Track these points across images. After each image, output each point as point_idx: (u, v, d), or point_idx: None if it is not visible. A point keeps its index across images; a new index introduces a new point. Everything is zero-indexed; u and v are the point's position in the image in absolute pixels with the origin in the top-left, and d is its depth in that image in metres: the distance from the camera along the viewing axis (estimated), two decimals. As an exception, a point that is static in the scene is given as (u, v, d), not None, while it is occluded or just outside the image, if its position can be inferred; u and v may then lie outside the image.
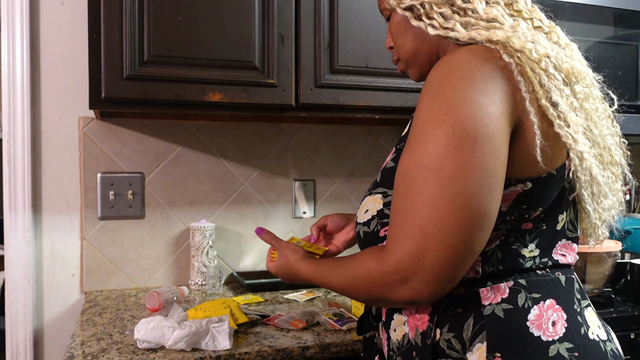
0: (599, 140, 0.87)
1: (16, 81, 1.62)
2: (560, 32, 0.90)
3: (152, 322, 1.16)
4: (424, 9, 0.88)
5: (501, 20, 0.84)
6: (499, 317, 0.82)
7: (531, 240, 0.86)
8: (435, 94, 0.79)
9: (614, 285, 1.71)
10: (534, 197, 0.82)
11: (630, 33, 1.77)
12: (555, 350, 0.80)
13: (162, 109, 1.46)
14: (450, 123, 0.76)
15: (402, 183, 0.79)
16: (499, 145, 0.76)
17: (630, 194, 2.00)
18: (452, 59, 0.81)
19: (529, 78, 0.79)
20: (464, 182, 0.74)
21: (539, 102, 0.79)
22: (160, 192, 1.77)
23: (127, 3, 1.36)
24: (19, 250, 1.63)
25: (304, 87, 1.51)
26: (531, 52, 0.79)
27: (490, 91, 0.77)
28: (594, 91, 0.88)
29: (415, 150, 0.78)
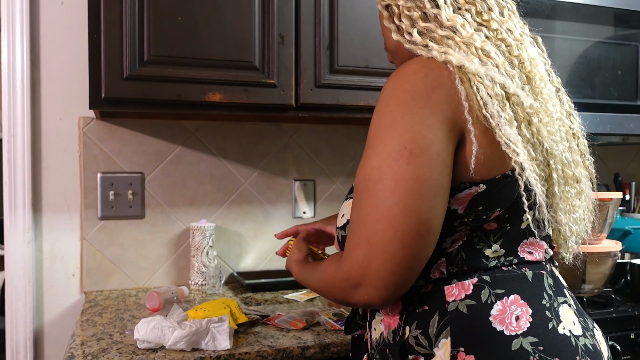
0: (555, 154, 0.88)
1: (16, 81, 1.62)
2: (529, 45, 0.91)
3: (152, 322, 1.16)
4: (398, 9, 0.92)
5: (459, 30, 0.86)
6: (462, 313, 0.85)
7: (495, 241, 0.89)
8: (382, 107, 0.84)
9: (614, 285, 1.71)
10: (489, 198, 0.85)
11: (630, 33, 1.77)
12: (518, 345, 0.82)
13: (162, 109, 1.46)
14: (389, 136, 0.81)
15: (355, 194, 0.85)
16: (436, 154, 0.80)
17: (630, 194, 2.00)
18: (402, 71, 0.85)
19: (468, 88, 0.81)
20: (400, 193, 0.79)
21: (478, 112, 0.81)
22: (160, 192, 1.77)
23: (127, 3, 1.36)
24: (19, 250, 1.63)
25: (304, 87, 1.51)
26: (467, 67, 0.82)
27: (431, 101, 0.81)
28: (550, 107, 0.89)
29: (363, 163, 0.84)
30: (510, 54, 0.88)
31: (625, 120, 1.75)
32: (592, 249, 1.52)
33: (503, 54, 0.87)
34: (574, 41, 1.69)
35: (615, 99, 1.75)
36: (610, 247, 1.54)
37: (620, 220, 1.91)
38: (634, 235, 1.86)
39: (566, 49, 1.68)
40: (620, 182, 2.00)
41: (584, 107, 1.71)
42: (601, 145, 2.27)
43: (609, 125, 1.73)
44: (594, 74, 1.72)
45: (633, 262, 1.67)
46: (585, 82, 1.71)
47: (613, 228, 1.83)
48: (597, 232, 1.56)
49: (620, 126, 1.74)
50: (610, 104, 1.74)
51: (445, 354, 0.83)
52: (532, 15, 1.63)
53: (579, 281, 1.55)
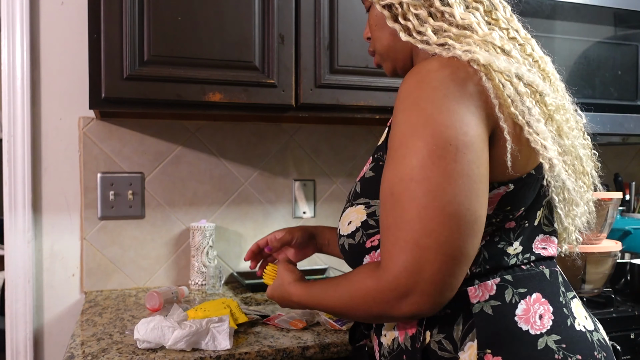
0: (571, 149, 0.89)
1: (16, 81, 1.62)
2: (535, 45, 0.91)
3: (152, 322, 1.16)
4: (402, 8, 0.88)
5: (475, 28, 0.84)
6: (488, 314, 0.84)
7: (515, 238, 0.88)
8: (411, 106, 0.79)
9: (614, 285, 1.71)
10: (516, 197, 0.84)
11: (630, 33, 1.77)
12: (543, 343, 0.82)
13: (162, 109, 1.46)
14: (429, 134, 0.76)
15: (389, 198, 0.79)
16: (480, 151, 0.78)
17: (630, 194, 2.00)
18: (424, 69, 0.81)
19: (496, 86, 0.79)
20: (452, 190, 0.75)
21: (508, 109, 0.80)
22: (160, 192, 1.77)
23: (127, 3, 1.36)
24: (19, 250, 1.63)
25: (304, 87, 1.51)
26: (495, 65, 0.80)
27: (464, 99, 0.78)
28: (566, 104, 0.90)
29: (398, 164, 0.79)
30: (524, 52, 0.87)
31: (625, 120, 1.75)
32: (592, 249, 1.52)
33: (518, 54, 0.86)
34: (574, 41, 1.69)
35: (615, 99, 1.75)
36: (610, 247, 1.54)
37: (620, 220, 1.91)
38: (634, 235, 1.86)
39: (566, 49, 1.68)
40: (620, 182, 2.00)
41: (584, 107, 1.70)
42: (601, 145, 2.26)
43: (609, 125, 1.73)
44: (594, 74, 1.72)
45: (633, 262, 1.67)
46: (585, 82, 1.71)
47: (613, 228, 1.83)
48: (597, 232, 1.56)
49: (620, 126, 1.74)
50: (610, 104, 1.74)
51: (472, 357, 0.82)
52: (532, 15, 1.63)
53: (579, 281, 1.55)
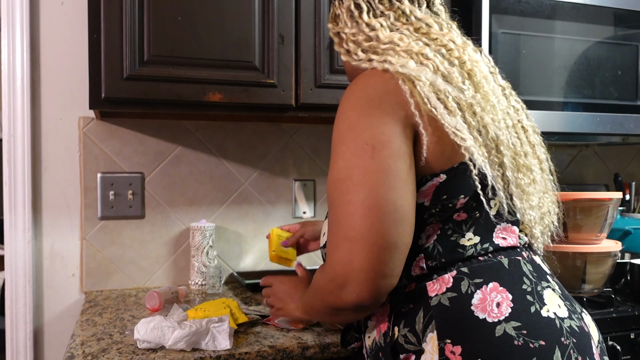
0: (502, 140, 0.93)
1: (16, 81, 1.62)
2: (471, 51, 0.98)
3: (152, 322, 1.16)
4: (346, 36, 1.02)
5: (397, 42, 0.95)
6: (445, 306, 0.87)
7: (468, 229, 0.92)
8: (339, 117, 0.91)
9: (614, 285, 1.71)
10: (451, 186, 0.90)
11: (630, 33, 1.77)
12: (501, 330, 0.84)
13: (162, 109, 1.46)
14: (351, 137, 0.87)
15: (328, 200, 0.90)
16: (396, 147, 0.85)
17: (630, 194, 2.00)
18: (353, 83, 0.94)
19: (412, 87, 0.88)
20: (370, 184, 0.83)
21: (424, 106, 0.87)
22: (160, 192, 1.77)
23: (127, 3, 1.36)
24: (19, 250, 1.63)
25: (304, 87, 1.51)
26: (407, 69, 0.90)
27: (383, 103, 0.88)
28: (492, 99, 0.95)
29: (331, 169, 0.89)
30: (451, 55, 0.95)
31: (625, 120, 1.75)
32: (592, 249, 1.52)
33: (442, 56, 0.94)
34: (574, 41, 1.69)
35: (615, 99, 1.75)
36: (610, 247, 1.54)
37: (620, 220, 1.91)
38: (634, 235, 1.86)
39: (566, 49, 1.68)
40: (620, 182, 2.00)
41: (584, 107, 1.71)
42: (601, 145, 2.27)
43: (609, 125, 1.73)
44: (594, 74, 1.72)
45: (633, 262, 1.67)
46: (585, 82, 1.71)
47: (613, 228, 1.83)
48: (596, 232, 1.56)
49: (620, 126, 1.74)
50: (610, 104, 1.74)
51: (434, 348, 0.85)
52: (532, 15, 1.63)
53: (579, 281, 1.55)
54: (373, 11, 1.00)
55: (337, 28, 1.05)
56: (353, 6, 1.01)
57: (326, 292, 0.89)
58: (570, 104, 1.69)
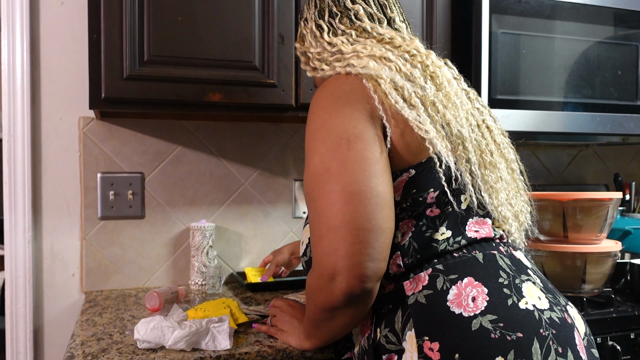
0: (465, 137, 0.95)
1: (16, 81, 1.62)
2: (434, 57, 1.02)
3: (152, 322, 1.16)
4: (312, 55, 1.07)
5: (359, 51, 0.99)
6: (422, 304, 0.88)
7: (441, 224, 0.94)
8: (310, 117, 0.95)
9: (614, 285, 1.71)
10: (420, 181, 0.92)
11: (630, 33, 1.77)
12: (478, 324, 0.85)
13: (162, 109, 1.46)
14: (324, 134, 0.90)
15: (306, 197, 0.92)
16: (370, 140, 0.88)
17: (630, 194, 2.00)
18: (321, 87, 0.98)
19: (375, 84, 0.92)
20: (350, 173, 0.85)
21: (387, 101, 0.91)
22: (160, 192, 1.77)
23: (127, 3, 1.36)
24: (19, 250, 1.63)
25: (304, 87, 1.51)
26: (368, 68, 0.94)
27: (351, 100, 0.91)
28: (455, 99, 0.98)
29: (306, 167, 0.93)
30: (414, 60, 0.99)
31: (625, 120, 1.75)
32: (592, 249, 1.52)
33: (405, 60, 0.98)
34: (574, 41, 1.69)
35: (615, 99, 1.75)
36: (610, 247, 1.54)
37: (620, 220, 1.91)
38: (634, 235, 1.86)
39: (566, 49, 1.68)
40: (620, 182, 2.00)
41: (584, 107, 1.71)
42: (601, 145, 2.27)
43: (609, 125, 1.73)
44: (594, 74, 1.72)
45: (633, 262, 1.67)
46: (585, 82, 1.71)
47: (613, 228, 1.83)
48: (596, 232, 1.56)
49: (620, 126, 1.74)
50: (610, 104, 1.74)
51: (413, 346, 0.86)
52: (532, 15, 1.63)
53: (579, 281, 1.55)
54: (334, 30, 1.05)
55: (303, 48, 1.10)
56: (314, 27, 1.07)
57: (317, 291, 0.89)
58: (570, 104, 1.69)
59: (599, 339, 1.43)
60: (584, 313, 1.44)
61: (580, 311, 1.44)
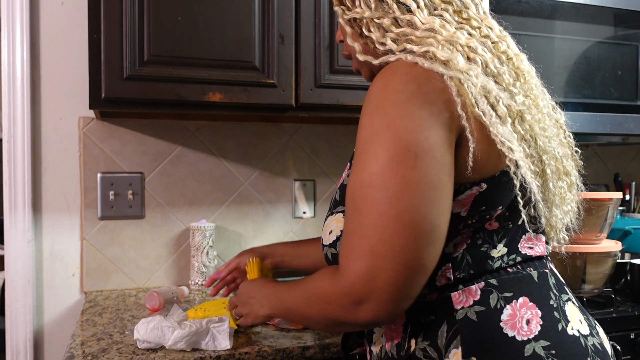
0: (547, 149, 0.87)
1: (16, 81, 1.62)
2: (511, 42, 0.89)
3: (152, 322, 1.16)
4: (365, 21, 0.87)
5: (439, 30, 0.82)
6: (472, 320, 0.81)
7: (499, 240, 0.86)
8: (374, 110, 0.78)
9: (614, 285, 1.71)
10: (491, 196, 0.82)
11: (630, 33, 1.77)
12: (531, 350, 0.79)
13: (162, 109, 1.46)
14: (390, 139, 0.75)
15: (350, 203, 0.79)
16: (440, 156, 0.76)
17: (630, 194, 2.00)
18: (389, 71, 0.80)
19: (458, 84, 0.78)
20: (409, 198, 0.74)
21: (471, 108, 0.78)
22: (160, 192, 1.77)
23: (127, 3, 1.36)
24: (19, 250, 1.63)
25: (304, 87, 1.51)
26: (457, 64, 0.79)
27: (428, 101, 0.77)
28: (540, 102, 0.88)
29: (359, 170, 0.78)
30: (497, 50, 0.85)
31: (625, 120, 1.75)
32: (592, 249, 1.52)
33: (490, 51, 0.84)
34: (574, 41, 1.69)
35: (615, 99, 1.75)
36: (610, 247, 1.54)
37: (620, 220, 1.91)
38: (634, 235, 1.86)
39: (566, 49, 1.68)
40: (620, 182, 2.00)
41: (584, 107, 1.71)
42: (601, 145, 2.27)
43: (609, 125, 1.73)
44: (594, 74, 1.72)
45: (633, 262, 1.67)
46: (585, 82, 1.71)
47: (613, 228, 1.83)
48: (596, 232, 1.56)
49: (620, 126, 1.74)
50: (610, 104, 1.74)
51: None
52: (532, 15, 1.63)
53: (579, 281, 1.55)
54: None
55: (351, 12, 0.88)
56: None
57: (335, 305, 0.80)
58: (570, 104, 1.69)
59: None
60: (584, 313, 1.45)
61: (580, 311, 1.44)
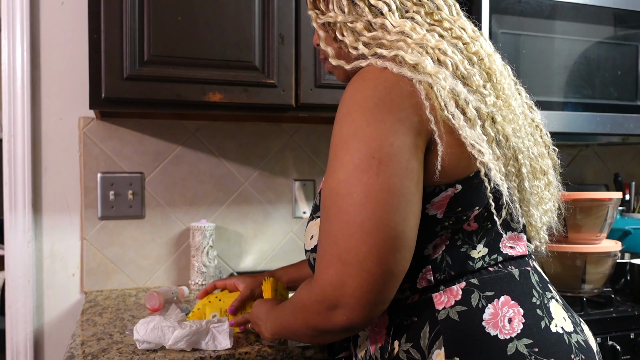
0: (522, 150, 0.86)
1: (16, 81, 1.62)
2: (484, 42, 0.89)
3: (152, 322, 1.16)
4: (337, 27, 0.87)
5: (409, 33, 0.82)
6: (454, 320, 0.81)
7: (479, 241, 0.86)
8: (343, 117, 0.80)
9: (614, 285, 1.71)
10: (466, 197, 0.82)
11: (630, 33, 1.77)
12: (513, 348, 0.80)
13: (162, 109, 1.46)
14: (355, 147, 0.76)
15: (322, 210, 0.80)
16: (405, 161, 0.76)
17: (630, 194, 2.00)
18: (359, 77, 0.81)
19: (428, 88, 0.78)
20: (371, 206, 0.74)
21: (440, 112, 0.78)
22: (160, 192, 1.77)
23: (127, 3, 1.36)
24: (19, 250, 1.63)
25: (304, 87, 1.51)
26: (426, 67, 0.79)
27: (395, 107, 0.77)
28: (513, 102, 0.87)
29: (328, 177, 0.79)
30: (468, 51, 0.85)
31: (625, 120, 1.75)
32: (592, 249, 1.52)
33: (460, 52, 0.84)
34: (574, 41, 1.69)
35: (615, 99, 1.75)
36: (610, 247, 1.54)
37: (620, 220, 1.91)
38: (633, 235, 1.86)
39: (566, 49, 1.68)
40: (620, 182, 2.00)
41: (583, 107, 1.71)
42: (601, 145, 2.27)
43: (609, 125, 1.73)
44: (594, 74, 1.72)
45: (633, 262, 1.67)
46: (585, 82, 1.71)
47: (613, 228, 1.83)
48: (596, 232, 1.56)
49: (620, 126, 1.74)
50: (610, 104, 1.74)
51: None
52: (532, 15, 1.63)
53: (579, 281, 1.55)
54: None
55: (325, 17, 0.88)
56: None
57: (312, 312, 0.81)
58: (570, 104, 1.69)
59: (598, 339, 1.43)
60: (584, 313, 1.45)
61: (580, 311, 1.44)
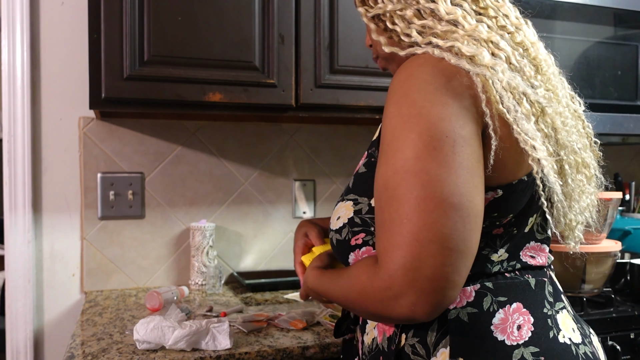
0: (567, 144, 0.84)
1: (16, 81, 1.62)
2: (527, 30, 0.86)
3: (152, 322, 1.16)
4: (387, 17, 0.86)
5: (461, 22, 0.80)
6: (463, 322, 0.80)
7: (501, 245, 0.85)
8: (401, 99, 0.76)
9: (614, 285, 1.71)
10: (504, 204, 0.80)
11: (630, 33, 1.77)
12: (519, 355, 0.79)
13: (162, 109, 1.46)
14: (423, 125, 0.72)
15: (383, 193, 0.75)
16: (477, 147, 0.74)
17: (630, 194, 2.00)
18: (415, 63, 0.78)
19: (483, 80, 0.76)
20: (454, 181, 0.70)
21: (496, 105, 0.76)
22: (160, 192, 1.77)
23: (127, 3, 1.36)
24: (19, 250, 1.63)
25: (304, 87, 1.51)
26: (483, 59, 0.77)
27: (457, 95, 0.74)
28: (560, 92, 0.85)
29: (390, 158, 0.74)
30: (514, 41, 0.83)
31: (625, 120, 1.75)
32: (592, 249, 1.52)
33: (509, 44, 0.82)
34: (574, 41, 1.69)
35: (615, 99, 1.75)
36: (610, 247, 1.54)
37: (620, 220, 1.91)
38: (633, 235, 1.86)
39: (566, 49, 1.68)
40: (620, 182, 2.00)
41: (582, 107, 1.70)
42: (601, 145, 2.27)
43: (609, 125, 1.73)
44: (594, 74, 1.72)
45: (633, 262, 1.67)
46: (585, 82, 1.71)
47: (613, 228, 1.83)
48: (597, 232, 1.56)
49: (620, 126, 1.74)
50: (610, 104, 1.74)
51: None
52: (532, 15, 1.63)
53: (579, 281, 1.55)
54: None
55: (374, 10, 0.87)
56: None
57: (374, 300, 0.76)
58: (570, 104, 1.68)
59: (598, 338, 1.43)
60: (584, 313, 1.45)
61: (580, 311, 1.44)
